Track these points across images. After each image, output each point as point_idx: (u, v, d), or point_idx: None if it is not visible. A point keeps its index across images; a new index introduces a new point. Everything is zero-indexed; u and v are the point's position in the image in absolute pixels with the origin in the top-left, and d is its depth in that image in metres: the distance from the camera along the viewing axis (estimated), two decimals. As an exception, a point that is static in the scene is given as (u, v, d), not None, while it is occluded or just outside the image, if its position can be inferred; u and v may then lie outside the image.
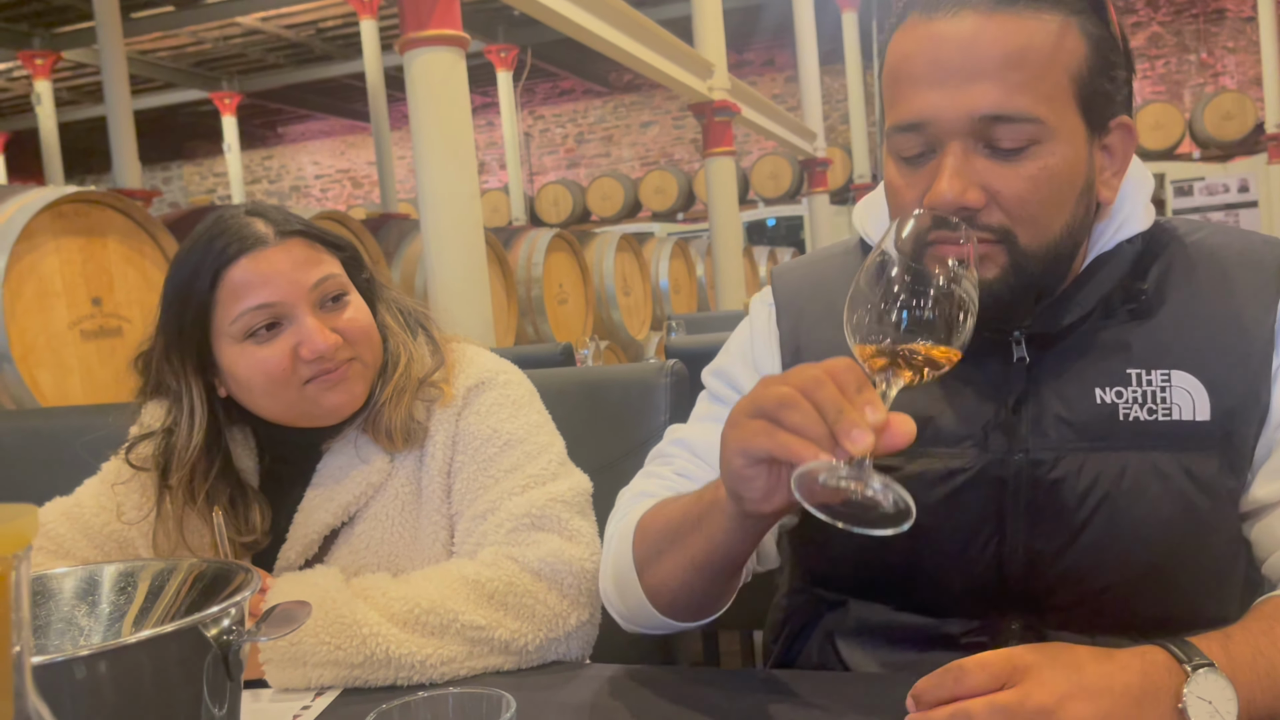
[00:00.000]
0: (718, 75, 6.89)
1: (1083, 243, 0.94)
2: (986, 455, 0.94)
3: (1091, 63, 0.89)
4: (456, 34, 3.60)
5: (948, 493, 0.94)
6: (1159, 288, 0.95)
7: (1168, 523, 0.90)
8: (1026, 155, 0.87)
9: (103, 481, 1.22)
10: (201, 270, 1.11)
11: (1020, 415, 0.94)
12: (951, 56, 0.86)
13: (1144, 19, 11.55)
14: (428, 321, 1.27)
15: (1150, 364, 0.91)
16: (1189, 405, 0.90)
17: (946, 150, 0.87)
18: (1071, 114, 0.88)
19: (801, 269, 1.11)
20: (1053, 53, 0.86)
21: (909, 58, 0.89)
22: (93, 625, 0.67)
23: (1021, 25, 0.86)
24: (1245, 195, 10.39)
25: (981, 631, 0.96)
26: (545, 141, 13.76)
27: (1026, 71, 0.86)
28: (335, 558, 1.16)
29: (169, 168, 15.19)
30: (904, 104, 0.89)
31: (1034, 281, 0.90)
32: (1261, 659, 0.78)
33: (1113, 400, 0.91)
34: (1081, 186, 0.90)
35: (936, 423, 0.95)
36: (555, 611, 1.08)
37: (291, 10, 9.74)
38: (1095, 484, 0.91)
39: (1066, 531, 0.92)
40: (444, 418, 1.18)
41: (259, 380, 1.12)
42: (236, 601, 0.60)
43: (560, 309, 5.69)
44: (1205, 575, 0.93)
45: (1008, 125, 0.86)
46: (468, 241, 3.60)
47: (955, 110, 0.86)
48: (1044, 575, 0.93)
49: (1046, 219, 0.88)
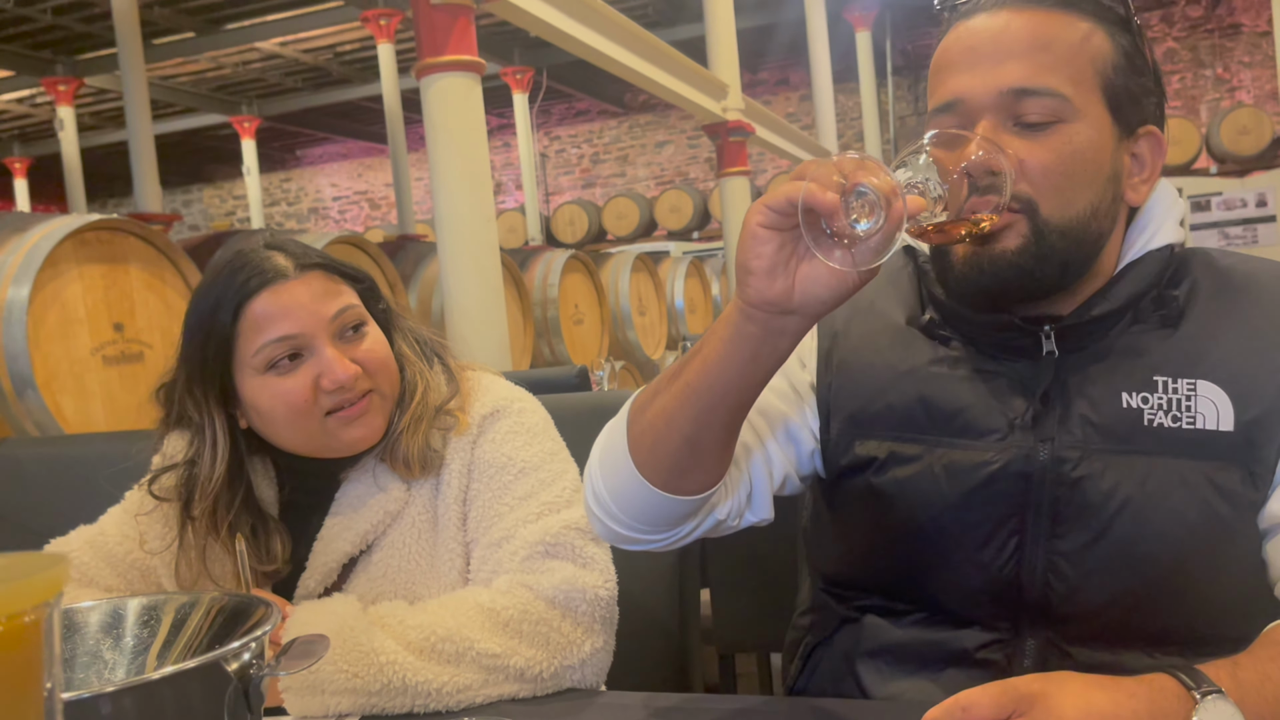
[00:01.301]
0: (731, 96, 6.92)
1: (1109, 235, 0.96)
2: (1012, 450, 0.95)
3: (1118, 65, 0.94)
4: (473, 59, 3.64)
5: (972, 486, 0.95)
6: (1189, 300, 0.97)
7: (1191, 528, 0.91)
8: (1052, 131, 0.91)
9: (126, 511, 1.25)
10: (223, 303, 1.13)
11: (1047, 409, 0.95)
12: (984, 43, 0.94)
13: (1159, 34, 11.53)
14: (443, 350, 1.28)
15: (1177, 372, 0.93)
16: (1213, 415, 0.92)
17: (978, 125, 0.92)
18: (1097, 102, 0.93)
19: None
20: (1080, 44, 0.93)
21: (947, 50, 0.97)
22: (117, 659, 0.69)
23: (1051, 19, 0.93)
24: (1264, 210, 10.33)
25: (997, 648, 0.96)
26: (561, 162, 13.84)
27: (1053, 55, 0.92)
28: (353, 585, 1.18)
29: (189, 191, 15.35)
30: (941, 89, 0.96)
31: (1055, 254, 0.92)
32: (1269, 684, 0.79)
33: (1138, 405, 0.93)
34: (1107, 173, 0.94)
35: (964, 415, 0.97)
36: (569, 639, 1.09)
37: (309, 35, 9.85)
38: (1118, 487, 0.92)
39: (1089, 532, 0.92)
40: (459, 446, 1.20)
41: (281, 411, 1.14)
42: (257, 636, 0.62)
43: (576, 330, 5.71)
44: (1228, 589, 0.94)
45: (1034, 99, 0.91)
46: (484, 265, 3.63)
47: (985, 86, 0.92)
48: (1064, 577, 0.94)
49: (1070, 192, 0.91)
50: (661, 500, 0.92)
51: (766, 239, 0.78)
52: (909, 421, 0.99)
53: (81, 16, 8.55)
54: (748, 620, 1.63)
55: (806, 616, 1.13)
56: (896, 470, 0.99)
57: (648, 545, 1.00)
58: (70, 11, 8.46)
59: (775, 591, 1.48)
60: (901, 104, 11.85)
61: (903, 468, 0.98)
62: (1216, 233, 10.43)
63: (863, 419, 1.01)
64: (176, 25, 9.06)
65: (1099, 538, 0.92)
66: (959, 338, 1.00)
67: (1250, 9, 11.16)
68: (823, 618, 1.09)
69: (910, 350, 1.01)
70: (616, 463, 0.94)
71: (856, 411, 1.02)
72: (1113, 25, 0.95)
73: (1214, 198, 10.48)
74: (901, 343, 1.02)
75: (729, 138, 6.98)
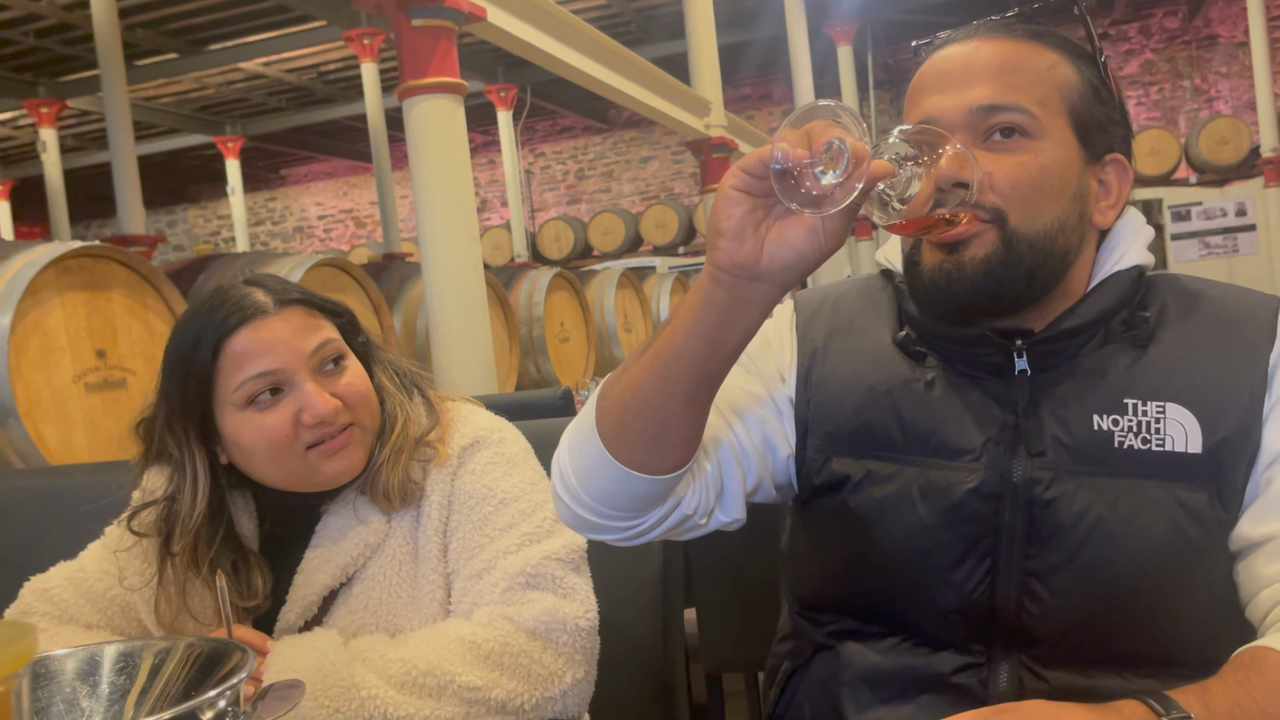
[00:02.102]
0: (714, 112, 6.96)
1: (1076, 253, 0.98)
2: (985, 471, 0.96)
3: (1084, 93, 0.98)
4: (455, 81, 3.66)
5: (946, 506, 0.96)
6: (1159, 322, 0.99)
7: (1160, 549, 0.92)
8: (1018, 146, 0.95)
9: (106, 546, 1.24)
10: (203, 340, 1.14)
11: (1020, 429, 0.96)
12: (955, 68, 0.98)
13: (1136, 46, 11.65)
14: (423, 381, 1.29)
15: (1147, 395, 0.95)
16: (1182, 437, 0.93)
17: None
18: (1062, 124, 0.96)
19: (818, 290, 1.15)
20: (1047, 71, 0.97)
21: (921, 75, 1.02)
22: (94, 706, 0.69)
23: (1020, 47, 0.98)
24: (1243, 219, 10.43)
25: (971, 672, 0.97)
26: (546, 178, 13.86)
27: (1021, 77, 0.96)
28: (334, 619, 1.18)
29: (174, 211, 15.31)
30: (914, 110, 1.00)
31: (1023, 264, 0.94)
32: (1239, 710, 0.80)
33: (1109, 427, 0.94)
34: (1073, 191, 0.97)
35: (940, 434, 0.98)
36: (550, 670, 1.10)
37: (293, 55, 9.86)
38: (1089, 508, 0.93)
39: (1061, 553, 0.93)
40: (440, 477, 1.20)
41: (262, 447, 1.14)
42: (232, 684, 0.62)
43: (562, 348, 5.72)
44: (1199, 611, 0.95)
45: (1001, 114, 0.95)
46: (468, 285, 3.64)
47: (957, 106, 0.96)
48: (1037, 599, 0.94)
49: (1037, 205, 0.94)
50: (627, 478, 0.92)
51: (738, 200, 0.80)
52: (885, 441, 1.00)
53: (63, 39, 8.55)
54: (735, 639, 1.63)
55: (784, 643, 1.14)
56: (872, 489, 1.00)
57: (613, 534, 0.99)
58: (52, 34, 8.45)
59: (762, 611, 1.48)
60: (884, 117, 11.93)
61: (879, 487, 0.99)
62: (1197, 242, 10.52)
63: (839, 437, 1.03)
64: (159, 46, 9.06)
65: (1071, 559, 0.93)
66: (934, 355, 1.01)
67: (1227, 20, 11.28)
68: (799, 645, 1.10)
69: (887, 369, 1.02)
70: (584, 441, 0.94)
71: (834, 429, 1.03)
72: (1079, 59, 0.99)
73: (1194, 207, 10.57)
74: (879, 362, 1.03)
75: (712, 154, 7.02)
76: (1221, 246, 10.49)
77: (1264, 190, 10.20)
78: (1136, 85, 11.65)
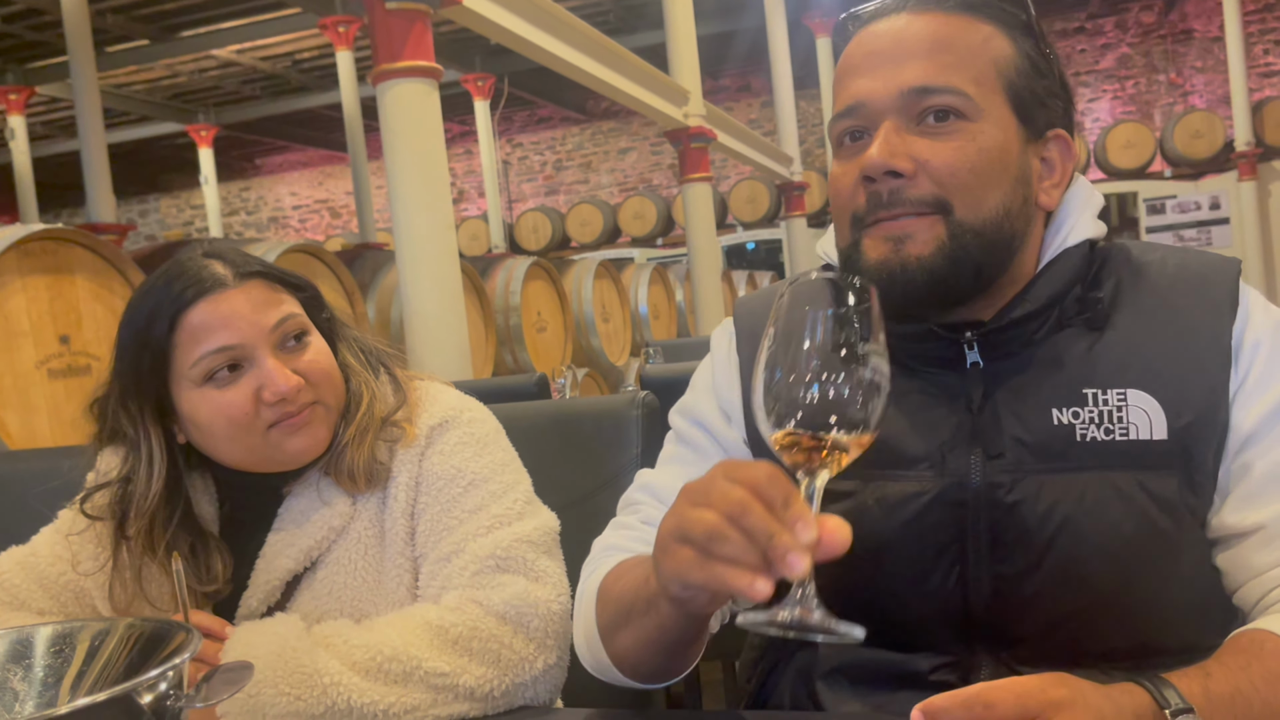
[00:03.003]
0: (693, 102, 6.93)
1: (1023, 238, 0.94)
2: (944, 478, 0.92)
3: (1021, 67, 0.93)
4: (429, 65, 3.60)
5: (907, 518, 0.92)
6: (1114, 302, 0.94)
7: (1130, 542, 0.89)
8: (955, 129, 0.90)
9: (58, 530, 1.20)
10: (159, 314, 1.09)
11: (977, 429, 0.92)
12: (884, 46, 0.93)
13: (1113, 40, 11.71)
14: (390, 360, 1.25)
15: (1106, 383, 0.91)
16: (1146, 424, 0.90)
17: (880, 127, 0.92)
18: (1000, 103, 0.92)
19: (761, 298, 1.10)
20: (980, 47, 0.92)
21: (849, 55, 0.97)
22: (27, 690, 0.65)
23: (951, 21, 0.93)
24: (1217, 212, 10.52)
25: (950, 669, 0.94)
26: (524, 169, 13.79)
27: (954, 54, 0.91)
28: (298, 604, 1.14)
29: (145, 200, 15.13)
30: (843, 93, 0.95)
31: (969, 257, 0.90)
32: (1240, 698, 0.78)
33: (1069, 421, 0.91)
34: (1015, 174, 0.92)
35: (892, 444, 0.93)
36: (522, 656, 1.06)
37: (267, 43, 9.75)
38: (1055, 506, 0.89)
39: (1029, 555, 0.90)
40: (407, 458, 1.16)
41: (220, 425, 1.10)
42: (175, 665, 0.58)
43: (539, 337, 5.67)
44: (1176, 600, 0.92)
45: (934, 96, 0.90)
46: (443, 272, 3.59)
47: (886, 88, 0.91)
48: (1009, 601, 0.91)
49: (980, 191, 0.90)
50: (656, 685, 0.98)
51: (693, 595, 0.76)
52: None
53: (32, 24, 8.41)
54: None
55: (760, 635, 1.11)
56: (830, 506, 0.96)
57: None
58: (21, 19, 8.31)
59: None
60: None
61: (836, 503, 0.95)
62: (1171, 235, 10.61)
63: None
64: (130, 32, 8.93)
65: (1040, 561, 0.90)
66: None
67: (1202, 15, 11.36)
68: (776, 639, 1.07)
69: None
70: (605, 666, 0.98)
71: None
72: (1015, 30, 0.94)
73: (1168, 201, 10.66)
74: None
75: (691, 144, 6.99)
76: (1196, 239, 10.57)
77: (1238, 184, 10.30)
78: (1112, 79, 11.71)
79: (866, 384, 0.73)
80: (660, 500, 1.05)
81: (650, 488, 1.07)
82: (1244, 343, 0.92)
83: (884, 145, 0.90)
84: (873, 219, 0.92)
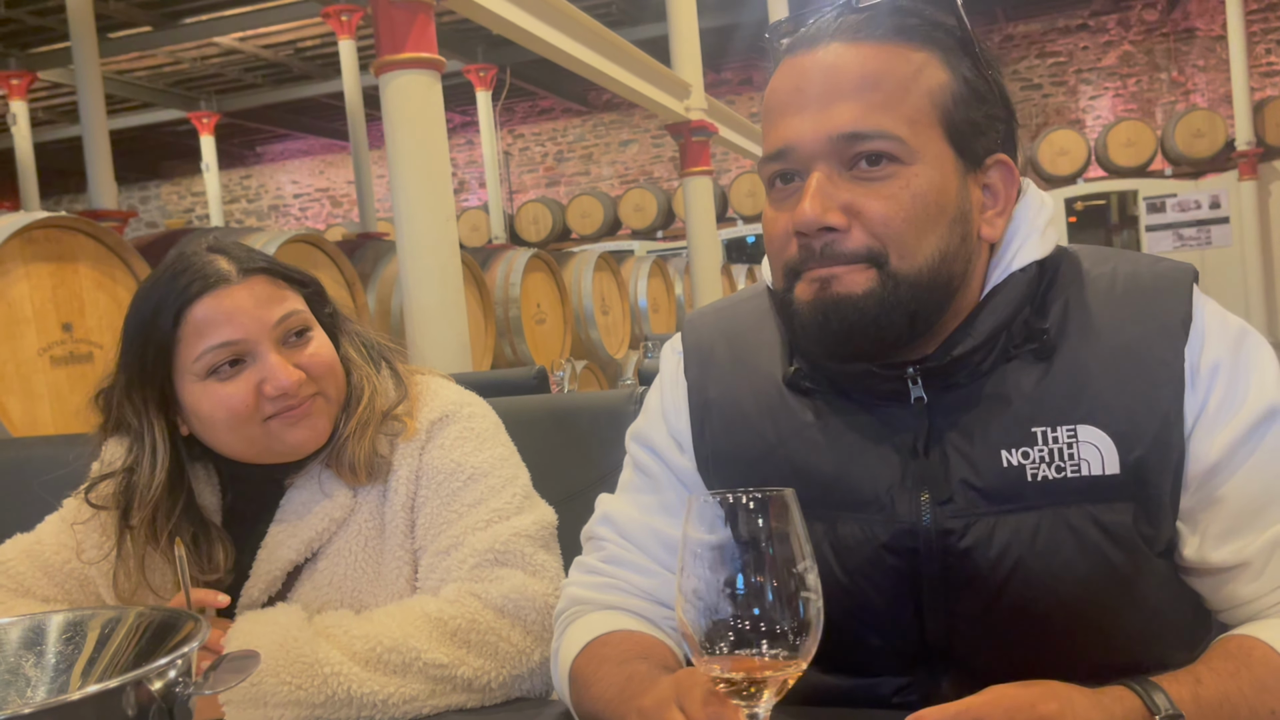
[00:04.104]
0: (694, 95, 6.93)
1: (963, 277, 0.91)
2: (894, 524, 0.90)
3: (959, 95, 0.88)
4: (432, 57, 3.61)
5: (859, 564, 0.91)
6: (1061, 328, 0.90)
7: (1084, 580, 0.87)
8: (888, 175, 0.86)
9: (63, 519, 1.22)
10: (164, 308, 1.11)
11: (925, 470, 0.90)
12: (813, 84, 0.88)
13: (1115, 38, 11.70)
14: (392, 354, 1.27)
15: (1055, 420, 0.88)
16: (1097, 460, 0.87)
17: (810, 175, 0.88)
18: (936, 139, 0.88)
19: (711, 316, 1.08)
20: (913, 78, 0.87)
21: (775, 90, 0.92)
22: (39, 676, 0.67)
23: (881, 52, 0.88)
24: (1217, 211, 10.52)
25: (913, 690, 0.94)
26: (525, 160, 13.78)
27: (884, 92, 0.86)
28: (298, 594, 1.16)
29: (147, 187, 15.11)
30: (772, 134, 0.91)
31: (902, 305, 0.87)
32: (1228, 705, 0.79)
33: (1019, 462, 0.88)
34: (953, 215, 0.88)
35: (842, 484, 0.92)
36: (519, 648, 1.08)
37: (269, 30, 9.73)
38: (1008, 549, 0.87)
39: (983, 596, 0.89)
40: (407, 451, 1.18)
41: (222, 417, 1.12)
42: (183, 653, 0.60)
43: (538, 329, 5.69)
44: (1137, 626, 0.90)
45: (867, 142, 0.86)
46: (443, 263, 3.60)
47: (816, 132, 0.87)
48: (966, 638, 0.91)
49: (915, 239, 0.87)
50: None
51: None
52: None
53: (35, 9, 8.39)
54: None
55: None
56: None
57: None
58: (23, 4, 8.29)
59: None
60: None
61: None
62: (1171, 234, 10.61)
63: None
64: (133, 19, 8.91)
65: (994, 603, 0.89)
66: (826, 388, 0.95)
67: (1205, 14, 11.35)
68: None
69: (778, 417, 0.96)
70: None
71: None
72: (950, 52, 0.89)
73: (1169, 199, 10.65)
74: (769, 408, 0.97)
75: (692, 137, 6.99)
76: (1195, 239, 10.58)
77: (1238, 183, 10.30)
78: (1114, 77, 11.70)
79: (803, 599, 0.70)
80: (623, 535, 1.03)
81: (612, 521, 1.04)
82: (1200, 365, 0.88)
83: (816, 200, 0.86)
84: (805, 270, 0.89)
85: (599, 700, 0.90)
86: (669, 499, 1.02)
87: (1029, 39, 11.88)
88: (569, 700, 0.98)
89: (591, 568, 1.04)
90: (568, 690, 0.97)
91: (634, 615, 0.99)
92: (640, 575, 1.00)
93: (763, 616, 0.68)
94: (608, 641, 0.95)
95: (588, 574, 1.04)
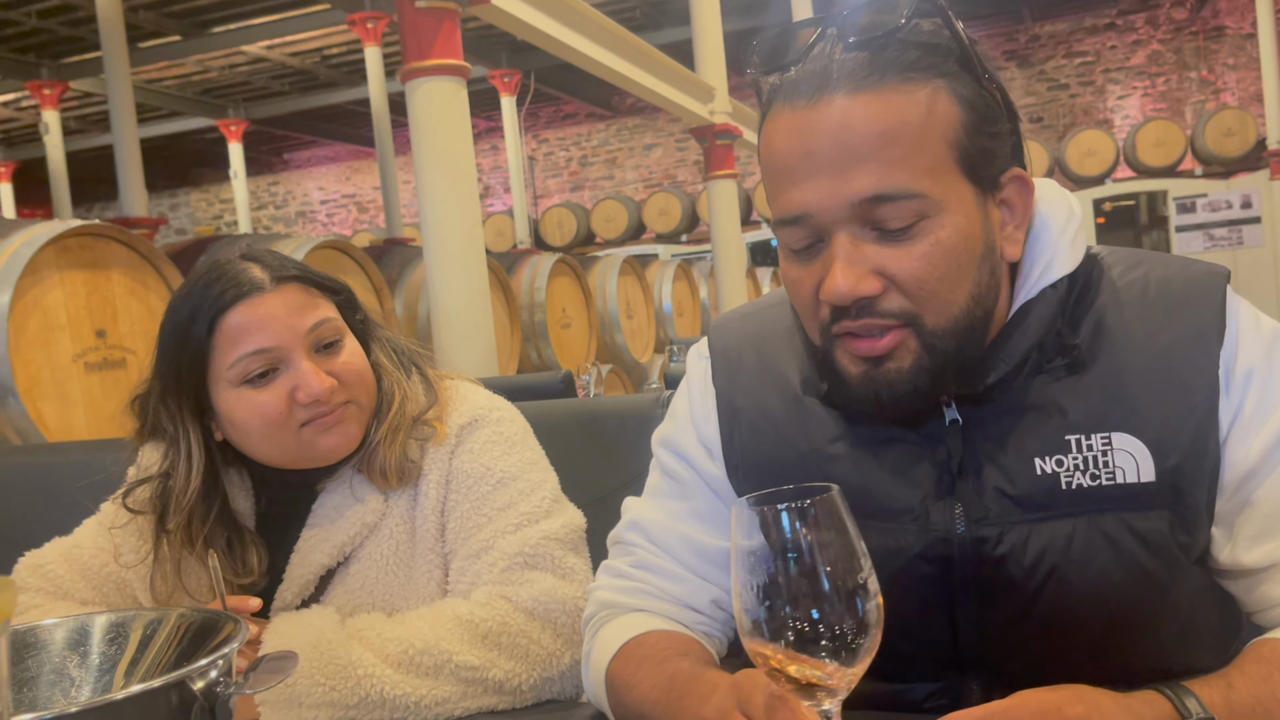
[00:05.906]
0: (719, 99, 6.93)
1: (994, 305, 0.90)
2: (929, 534, 0.90)
3: (969, 124, 0.85)
4: (458, 64, 3.64)
5: (892, 572, 0.89)
6: (1094, 339, 0.90)
7: (1119, 588, 0.87)
8: (916, 232, 0.84)
9: (101, 523, 1.24)
10: (198, 316, 1.13)
11: (959, 481, 0.90)
12: (823, 147, 0.84)
13: (1144, 37, 11.60)
14: (421, 360, 1.28)
15: (1089, 428, 0.88)
16: (1133, 467, 0.87)
17: (834, 241, 0.85)
18: (957, 182, 0.85)
19: (738, 321, 1.07)
20: (925, 124, 0.84)
21: (780, 153, 0.87)
22: (84, 676, 0.68)
23: (889, 102, 0.83)
24: (1248, 211, 10.39)
25: (944, 694, 0.94)
26: (549, 165, 13.83)
27: (901, 147, 0.83)
28: (331, 598, 1.17)
29: (176, 195, 15.29)
30: (783, 198, 0.87)
31: (947, 359, 0.86)
32: (1260, 709, 0.78)
33: (1053, 470, 0.88)
34: (981, 253, 0.87)
35: (874, 494, 0.91)
36: (549, 651, 1.09)
37: (296, 38, 9.82)
38: (1043, 556, 0.88)
39: (1017, 604, 0.89)
40: (438, 456, 1.19)
41: (256, 424, 1.13)
42: (224, 654, 0.61)
43: (564, 333, 5.71)
44: (1169, 632, 0.90)
45: (891, 205, 0.83)
46: (470, 269, 3.62)
47: (835, 199, 0.83)
48: (999, 644, 0.91)
49: (949, 294, 0.85)
50: None
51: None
52: None
53: (66, 20, 8.51)
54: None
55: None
56: None
57: None
58: (55, 15, 8.41)
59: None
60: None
61: None
62: (1201, 234, 10.49)
63: None
64: (162, 29, 9.02)
65: (1028, 610, 0.89)
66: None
67: (1235, 11, 11.22)
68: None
69: (808, 426, 0.96)
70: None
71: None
72: (952, 76, 0.86)
73: (1199, 199, 10.53)
74: (799, 418, 0.96)
75: (716, 141, 6.98)
76: (1226, 239, 10.45)
77: (1270, 183, 10.16)
78: (1143, 76, 11.60)
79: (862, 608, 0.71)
80: (652, 541, 1.03)
81: (640, 526, 1.04)
82: (1235, 370, 0.87)
83: (848, 272, 0.83)
84: (840, 330, 0.88)
85: (644, 702, 0.90)
86: (698, 505, 1.02)
87: (1056, 39, 11.79)
88: (605, 705, 0.98)
89: (620, 572, 1.04)
90: (604, 695, 0.97)
91: (664, 619, 1.00)
92: (670, 581, 1.01)
93: (821, 619, 0.69)
94: (644, 642, 0.96)
95: (616, 578, 1.04)
